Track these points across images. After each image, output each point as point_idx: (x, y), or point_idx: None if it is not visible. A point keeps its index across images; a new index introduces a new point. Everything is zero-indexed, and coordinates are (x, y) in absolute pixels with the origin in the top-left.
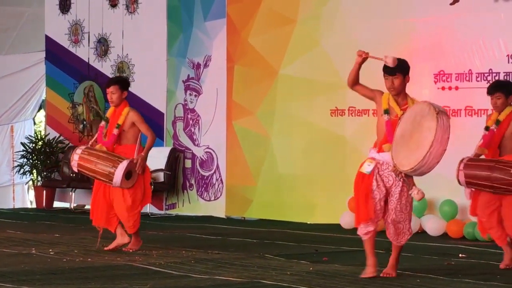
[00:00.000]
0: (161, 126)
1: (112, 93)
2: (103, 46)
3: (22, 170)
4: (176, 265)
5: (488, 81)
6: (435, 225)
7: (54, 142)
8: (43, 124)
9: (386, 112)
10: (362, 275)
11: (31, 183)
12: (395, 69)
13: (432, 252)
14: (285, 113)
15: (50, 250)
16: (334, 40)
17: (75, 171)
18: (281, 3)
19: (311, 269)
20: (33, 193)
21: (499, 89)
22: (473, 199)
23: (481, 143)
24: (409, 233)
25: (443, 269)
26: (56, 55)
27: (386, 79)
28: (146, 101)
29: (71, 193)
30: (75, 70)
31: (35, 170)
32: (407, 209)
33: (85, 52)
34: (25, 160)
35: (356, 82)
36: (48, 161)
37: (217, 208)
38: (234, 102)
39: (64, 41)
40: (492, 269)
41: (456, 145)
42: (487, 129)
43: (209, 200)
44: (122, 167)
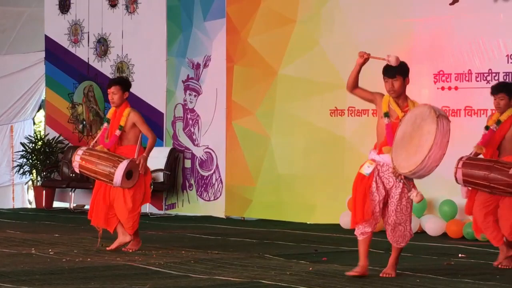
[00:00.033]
0: (160, 126)
1: (113, 93)
2: (102, 46)
3: (21, 170)
4: (175, 265)
5: (488, 81)
6: (435, 225)
7: (53, 142)
8: (42, 124)
9: (386, 115)
10: (349, 272)
11: (30, 183)
12: (394, 71)
13: (432, 252)
14: (284, 113)
15: (50, 250)
16: (334, 40)
17: (77, 172)
18: (280, 3)
19: (310, 269)
20: (32, 193)
21: (502, 89)
22: (469, 198)
23: (479, 141)
24: (410, 235)
25: (442, 269)
26: (55, 55)
27: (386, 81)
28: (146, 101)
29: (70, 193)
30: (75, 70)
31: (34, 170)
32: (407, 211)
33: (84, 52)
34: (25, 160)
35: (355, 86)
36: (48, 161)
37: (216, 208)
38: (233, 102)
39: (63, 41)
40: (491, 269)
41: (455, 145)
42: (487, 128)
43: (209, 200)
44: (122, 166)
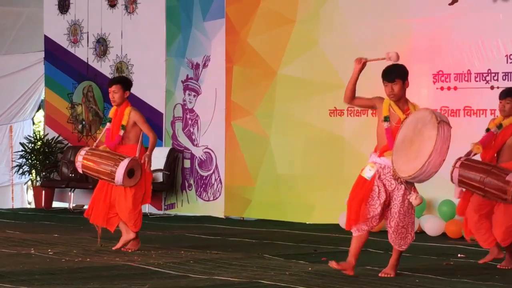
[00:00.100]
0: (160, 126)
1: (114, 92)
2: (102, 46)
3: (21, 170)
4: (175, 265)
5: (487, 81)
6: (434, 225)
7: (53, 142)
8: (42, 124)
9: (386, 119)
10: (333, 263)
11: (30, 183)
12: (394, 75)
13: (431, 252)
14: (284, 113)
15: (49, 250)
16: (333, 40)
17: (80, 172)
18: (279, 3)
19: (310, 269)
20: (32, 193)
21: (511, 94)
22: (462, 199)
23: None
24: (411, 237)
25: (442, 269)
26: (55, 55)
27: (386, 85)
28: (145, 101)
29: (70, 193)
30: (74, 70)
31: (34, 170)
32: (410, 213)
33: (84, 52)
34: (24, 160)
35: (353, 96)
36: (47, 161)
37: (216, 208)
38: (233, 102)
39: (63, 41)
40: (490, 269)
41: (454, 145)
42: (487, 130)
43: (208, 200)
44: (123, 165)
